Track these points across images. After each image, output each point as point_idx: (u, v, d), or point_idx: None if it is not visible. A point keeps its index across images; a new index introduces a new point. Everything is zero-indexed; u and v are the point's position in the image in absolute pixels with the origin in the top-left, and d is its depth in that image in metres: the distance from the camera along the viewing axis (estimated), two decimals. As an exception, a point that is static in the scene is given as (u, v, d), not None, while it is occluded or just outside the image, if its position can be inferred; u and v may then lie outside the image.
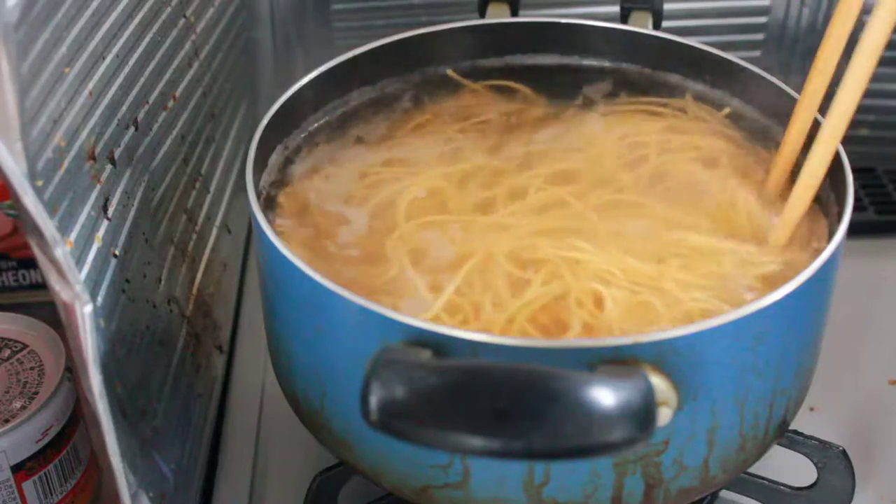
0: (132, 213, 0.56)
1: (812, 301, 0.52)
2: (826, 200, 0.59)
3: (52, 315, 0.49)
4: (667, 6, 0.71)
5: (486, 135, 0.65)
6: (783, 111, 0.62)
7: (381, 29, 0.87)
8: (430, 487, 0.51)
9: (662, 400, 0.46)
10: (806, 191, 0.55)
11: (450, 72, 0.69)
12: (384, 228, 0.58)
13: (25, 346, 0.63)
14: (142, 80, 0.58)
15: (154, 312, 0.58)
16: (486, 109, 0.67)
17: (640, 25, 0.69)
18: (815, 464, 0.60)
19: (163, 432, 0.57)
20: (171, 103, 0.63)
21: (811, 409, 0.67)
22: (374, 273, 0.55)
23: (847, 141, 0.58)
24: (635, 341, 0.46)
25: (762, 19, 0.88)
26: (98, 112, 0.52)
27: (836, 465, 0.59)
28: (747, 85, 0.64)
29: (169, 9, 0.63)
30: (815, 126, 0.57)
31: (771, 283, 0.54)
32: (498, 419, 0.41)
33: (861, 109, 0.88)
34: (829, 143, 0.54)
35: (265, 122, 0.59)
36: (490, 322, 0.52)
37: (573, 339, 0.51)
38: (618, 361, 0.45)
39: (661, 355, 0.46)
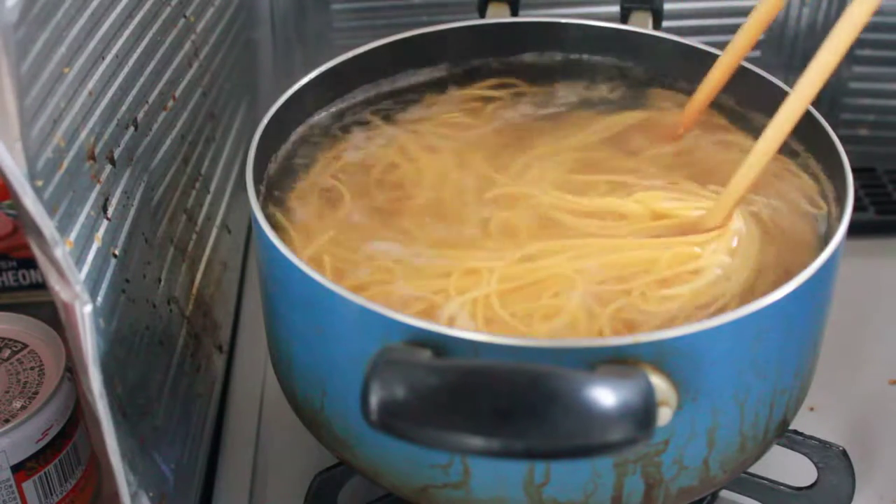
0: (132, 213, 0.56)
1: (812, 301, 0.52)
2: (826, 200, 0.59)
3: (52, 315, 0.49)
4: (667, 6, 0.71)
5: (486, 135, 0.65)
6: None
7: (381, 29, 0.87)
8: (430, 487, 0.51)
9: (662, 400, 0.46)
10: (750, 169, 0.55)
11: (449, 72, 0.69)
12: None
13: (25, 346, 0.63)
14: (141, 80, 0.58)
15: (154, 312, 0.58)
16: (486, 110, 0.67)
17: (640, 25, 0.69)
18: (815, 464, 0.60)
19: (163, 432, 0.57)
20: (170, 103, 0.63)
21: (811, 409, 0.67)
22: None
23: (847, 141, 0.58)
24: (635, 341, 0.46)
25: (762, 19, 0.88)
26: (97, 112, 0.52)
27: (836, 465, 0.59)
28: (747, 85, 0.64)
29: (169, 9, 0.63)
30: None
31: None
32: (498, 419, 0.41)
33: (861, 109, 0.88)
34: (782, 124, 0.54)
35: (265, 121, 0.59)
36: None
37: (573, 338, 0.51)
38: (618, 361, 0.45)
39: (661, 355, 0.46)
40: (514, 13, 0.72)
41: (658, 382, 0.45)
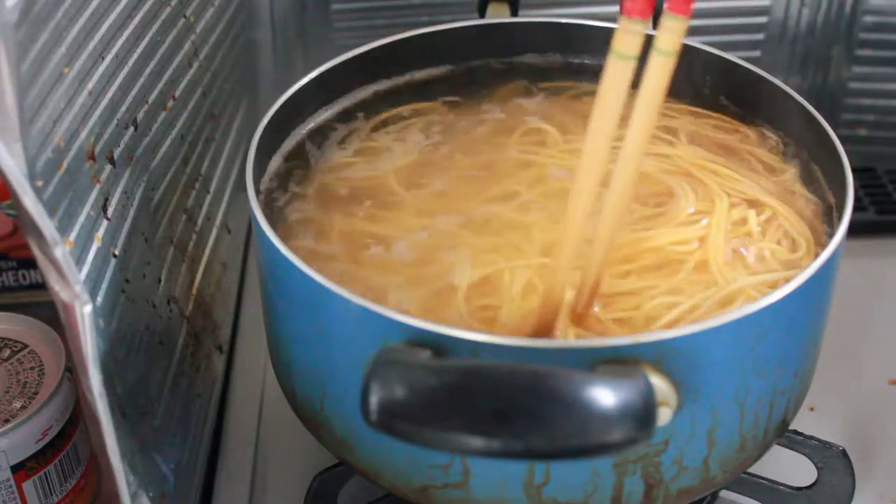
0: (132, 213, 0.56)
1: (812, 301, 0.52)
2: (826, 200, 0.59)
3: (52, 315, 0.49)
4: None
5: (485, 135, 0.65)
6: (782, 111, 0.62)
7: (382, 29, 0.87)
8: (430, 487, 0.51)
9: (662, 400, 0.46)
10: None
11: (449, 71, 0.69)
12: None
13: (25, 346, 0.63)
14: (141, 80, 0.58)
15: (154, 312, 0.58)
16: (486, 109, 0.67)
17: (640, 25, 0.69)
18: (815, 464, 0.60)
19: (163, 432, 0.57)
20: (170, 103, 0.63)
21: (811, 409, 0.67)
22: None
23: (847, 141, 0.58)
24: (635, 341, 0.46)
25: (762, 19, 0.88)
26: (97, 112, 0.52)
27: (836, 465, 0.59)
28: (747, 85, 0.64)
29: (169, 9, 0.63)
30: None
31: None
32: (498, 419, 0.41)
33: (861, 109, 0.88)
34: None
35: (265, 122, 0.59)
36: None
37: (573, 339, 0.51)
38: (618, 361, 0.45)
39: (661, 355, 0.46)
40: (514, 13, 0.72)
41: (658, 382, 0.45)
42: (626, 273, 0.54)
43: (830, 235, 0.52)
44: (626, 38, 0.46)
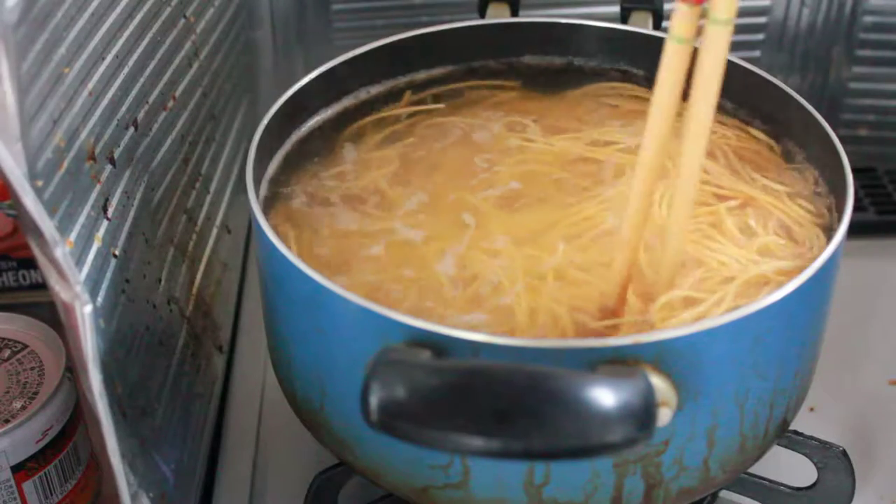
0: (132, 213, 0.56)
1: (812, 301, 0.52)
2: (826, 200, 0.59)
3: (52, 315, 0.49)
4: (667, 6, 0.71)
5: (485, 136, 0.65)
6: (782, 111, 0.62)
7: (381, 29, 0.87)
8: (430, 487, 0.51)
9: (662, 400, 0.46)
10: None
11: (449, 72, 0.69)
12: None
13: (25, 346, 0.63)
14: (141, 80, 0.58)
15: (154, 312, 0.58)
16: (486, 110, 0.67)
17: (640, 25, 0.69)
18: (815, 464, 0.60)
19: (163, 432, 0.57)
20: (170, 103, 0.63)
21: (811, 409, 0.67)
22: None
23: (847, 141, 0.58)
24: (635, 341, 0.46)
25: (762, 19, 0.88)
26: (98, 112, 0.52)
27: (836, 465, 0.59)
28: (747, 85, 0.64)
29: (169, 9, 0.63)
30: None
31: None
32: (498, 419, 0.41)
33: (861, 109, 0.88)
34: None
35: (265, 122, 0.59)
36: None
37: (573, 339, 0.51)
38: (618, 361, 0.45)
39: (661, 355, 0.46)
40: (514, 13, 0.72)
41: (658, 383, 0.45)
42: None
43: (830, 235, 0.52)
44: (684, 21, 0.49)
